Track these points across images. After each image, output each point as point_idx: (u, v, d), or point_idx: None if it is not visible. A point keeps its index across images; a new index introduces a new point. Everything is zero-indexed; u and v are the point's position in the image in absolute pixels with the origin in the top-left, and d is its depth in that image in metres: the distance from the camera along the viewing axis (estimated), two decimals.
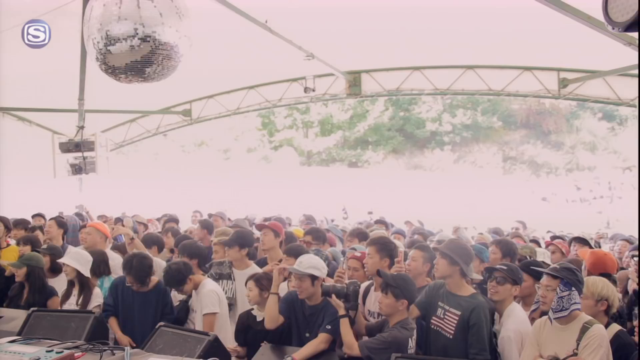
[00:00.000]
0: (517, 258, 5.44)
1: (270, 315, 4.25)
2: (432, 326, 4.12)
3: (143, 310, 5.06)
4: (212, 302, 4.86)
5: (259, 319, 4.62)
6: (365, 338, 4.07)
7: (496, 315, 4.22)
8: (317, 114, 36.82)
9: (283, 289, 5.09)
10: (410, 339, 3.83)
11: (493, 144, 38.05)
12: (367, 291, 4.57)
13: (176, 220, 9.38)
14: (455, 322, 3.96)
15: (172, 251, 6.92)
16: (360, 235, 6.72)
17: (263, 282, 4.66)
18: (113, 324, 5.11)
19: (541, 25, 8.60)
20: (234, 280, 5.48)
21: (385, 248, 4.63)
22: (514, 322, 4.05)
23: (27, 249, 6.08)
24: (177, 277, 4.88)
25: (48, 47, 9.02)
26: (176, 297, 5.45)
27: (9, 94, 11.49)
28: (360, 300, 4.30)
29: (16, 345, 2.59)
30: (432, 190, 28.74)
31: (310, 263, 4.26)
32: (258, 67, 11.72)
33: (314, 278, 4.20)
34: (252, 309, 4.73)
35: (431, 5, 8.69)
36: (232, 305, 5.31)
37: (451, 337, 3.96)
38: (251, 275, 4.81)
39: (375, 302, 4.36)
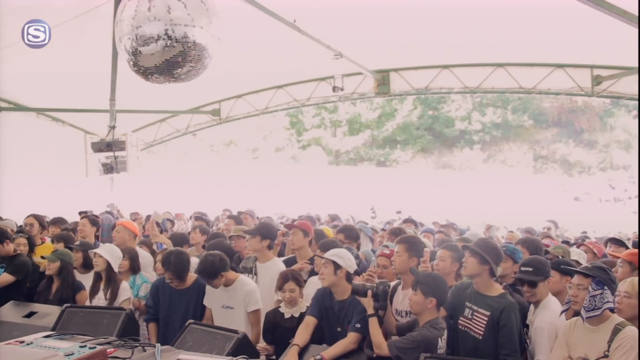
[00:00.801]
0: (547, 257, 5.37)
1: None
2: (460, 327, 4.09)
3: (182, 307, 5.11)
4: (257, 298, 4.92)
5: (286, 316, 4.64)
6: (395, 338, 4.06)
7: (531, 307, 4.19)
8: (345, 113, 36.73)
9: (315, 282, 5.10)
10: (440, 339, 3.79)
11: (524, 143, 37.51)
12: (394, 290, 4.55)
13: (206, 219, 9.47)
14: (485, 322, 3.92)
15: (204, 247, 6.98)
16: (396, 234, 6.69)
17: (299, 279, 4.72)
18: (152, 329, 5.17)
19: (574, 22, 8.46)
20: (255, 274, 5.51)
21: (414, 247, 4.61)
22: (549, 314, 4.01)
23: (60, 246, 6.22)
24: (211, 269, 4.88)
25: (81, 49, 9.22)
26: None
27: (43, 95, 11.75)
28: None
29: (51, 340, 2.64)
30: (462, 189, 28.46)
31: (336, 252, 4.32)
32: (286, 66, 11.75)
33: (337, 267, 4.21)
34: (280, 306, 4.75)
35: (460, 4, 8.61)
36: None
37: (480, 337, 3.92)
38: (285, 276, 4.78)
39: (402, 301, 4.35)
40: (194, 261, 6.10)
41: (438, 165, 37.84)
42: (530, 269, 4.14)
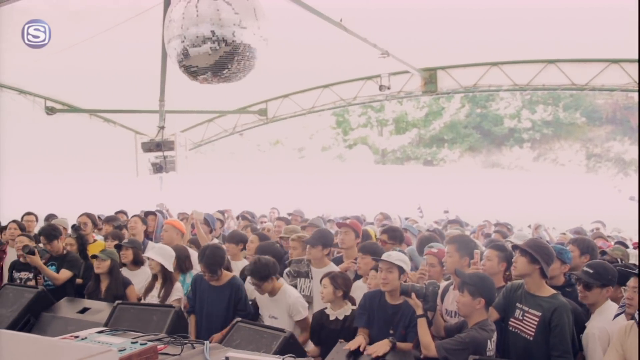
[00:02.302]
0: (603, 258, 5.22)
1: None
2: (511, 328, 4.02)
3: (216, 304, 5.17)
4: (304, 307, 4.96)
5: (331, 317, 4.64)
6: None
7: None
8: (392, 112, 36.43)
9: (360, 287, 5.09)
10: (489, 341, 3.73)
11: (576, 141, 36.44)
12: (445, 290, 4.50)
13: (253, 219, 9.55)
14: (536, 323, 3.84)
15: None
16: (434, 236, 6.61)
17: (338, 281, 4.68)
18: (191, 322, 5.26)
19: (628, 14, 8.17)
20: (311, 278, 5.53)
21: (465, 246, 4.55)
22: (603, 319, 3.90)
23: (113, 244, 6.38)
24: (264, 271, 4.93)
25: (131, 51, 9.42)
26: (248, 295, 5.53)
27: (95, 96, 12.06)
28: (438, 299, 4.24)
29: (104, 336, 2.71)
30: (510, 189, 27.90)
31: (400, 257, 4.31)
32: (333, 65, 11.74)
33: (401, 271, 4.20)
34: (326, 307, 4.75)
35: (510, 3, 8.46)
36: (309, 303, 5.36)
37: (531, 338, 3.85)
38: (327, 272, 4.83)
39: (453, 301, 4.29)
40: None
41: (486, 164, 37.18)
42: (592, 271, 4.02)
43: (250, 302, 5.38)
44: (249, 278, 5.16)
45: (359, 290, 5.03)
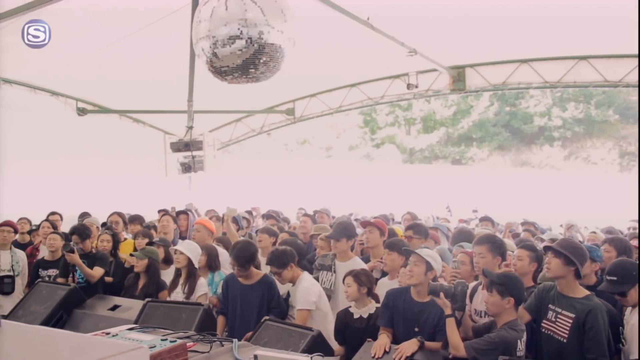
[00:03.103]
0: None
1: None
2: (543, 330, 3.95)
3: (249, 303, 5.19)
4: (306, 299, 4.92)
5: (356, 316, 4.62)
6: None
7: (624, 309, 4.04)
8: (420, 111, 36.23)
9: (385, 284, 5.07)
10: (519, 341, 3.68)
11: (608, 139, 35.78)
12: (474, 290, 4.45)
13: (278, 218, 9.58)
14: (569, 325, 3.77)
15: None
16: (463, 237, 6.57)
17: (362, 278, 4.66)
18: (220, 322, 5.29)
19: None
20: (334, 272, 5.53)
21: (497, 246, 4.50)
22: None
23: (144, 242, 6.45)
24: (282, 258, 4.98)
25: (160, 52, 9.52)
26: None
27: (125, 97, 12.22)
28: (467, 300, 4.20)
29: (134, 333, 2.74)
30: (541, 188, 27.52)
31: (429, 253, 4.29)
32: (360, 64, 11.71)
33: (429, 268, 4.18)
34: (350, 306, 4.74)
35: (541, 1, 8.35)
36: (330, 296, 5.35)
37: (565, 340, 3.78)
38: (349, 271, 4.82)
39: (482, 301, 4.24)
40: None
41: (516, 163, 36.76)
42: (615, 278, 3.94)
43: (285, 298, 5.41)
44: (269, 268, 5.17)
45: (384, 288, 4.99)
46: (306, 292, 4.95)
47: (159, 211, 9.52)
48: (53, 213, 8.31)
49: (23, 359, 1.08)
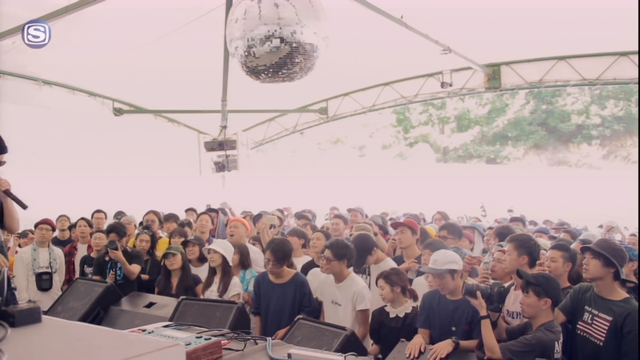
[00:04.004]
0: None
1: None
2: (579, 332, 3.87)
3: (281, 301, 5.21)
4: (365, 297, 4.92)
5: (391, 315, 4.60)
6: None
7: None
8: (454, 109, 35.90)
9: (421, 284, 5.03)
10: (556, 343, 3.60)
11: None
12: (506, 291, 4.39)
13: (310, 216, 9.59)
14: (606, 328, 3.69)
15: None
16: (502, 234, 6.49)
17: (392, 278, 4.64)
18: (256, 322, 5.32)
19: None
20: (368, 274, 5.52)
21: (524, 245, 4.42)
22: None
23: (180, 241, 6.54)
24: (343, 250, 5.00)
25: (194, 52, 9.62)
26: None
27: (160, 97, 12.38)
28: None
29: (170, 330, 2.78)
30: (578, 187, 27.00)
31: (446, 259, 4.21)
32: (393, 63, 11.64)
33: (452, 272, 4.13)
34: (385, 305, 4.72)
35: None
36: None
37: (601, 343, 3.69)
38: (380, 273, 4.80)
39: (515, 302, 4.18)
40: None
41: (552, 162, 36.12)
42: None
43: (315, 298, 5.42)
44: (326, 252, 5.14)
45: (421, 287, 4.97)
46: (365, 292, 4.96)
47: (186, 210, 9.62)
48: (98, 211, 8.47)
49: (64, 353, 1.10)
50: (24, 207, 4.30)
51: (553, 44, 10.69)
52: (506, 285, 4.38)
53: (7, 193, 4.11)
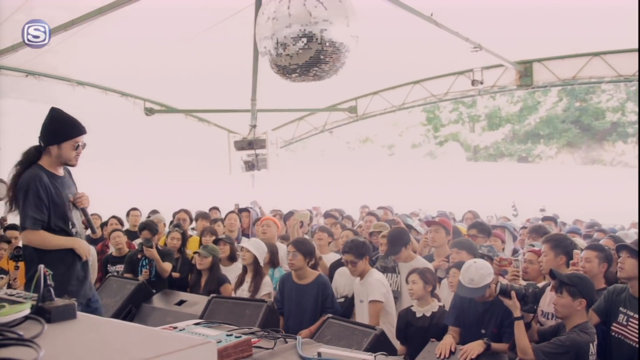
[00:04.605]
0: None
1: None
2: (613, 333, 3.79)
3: (303, 302, 5.22)
4: (379, 290, 4.89)
5: (418, 315, 4.57)
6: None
7: None
8: (484, 107, 35.45)
9: (445, 284, 5.00)
10: (591, 345, 3.53)
11: None
12: (541, 291, 4.32)
13: (337, 215, 9.57)
14: None
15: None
16: (538, 232, 6.40)
17: (427, 276, 4.61)
18: (282, 322, 5.34)
19: None
20: (398, 273, 5.49)
21: (561, 245, 4.35)
22: None
23: (211, 240, 6.59)
24: (361, 249, 5.00)
25: (223, 51, 9.69)
26: (338, 291, 5.57)
27: (190, 97, 12.50)
28: None
29: (200, 328, 2.80)
30: (613, 186, 26.46)
31: (481, 275, 4.07)
32: (423, 61, 11.56)
33: (488, 285, 4.09)
34: (412, 305, 4.69)
35: None
36: (397, 298, 5.31)
37: (637, 345, 3.61)
38: (414, 268, 4.78)
39: (550, 302, 4.11)
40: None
41: (586, 161, 35.45)
42: None
43: (340, 299, 5.42)
44: (344, 256, 5.15)
45: (446, 288, 4.94)
46: (378, 284, 4.93)
47: (210, 209, 9.68)
48: (134, 209, 8.58)
49: (98, 349, 1.11)
50: (93, 231, 4.41)
51: (587, 40, 10.48)
52: (540, 285, 4.32)
53: (84, 211, 4.14)
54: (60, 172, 4.03)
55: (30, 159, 3.92)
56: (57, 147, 3.91)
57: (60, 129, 3.95)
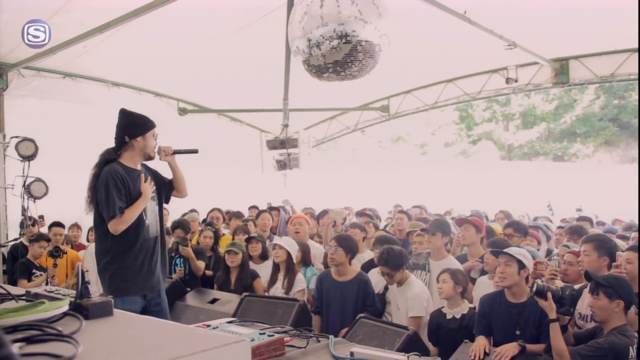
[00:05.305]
0: None
1: None
2: None
3: (344, 300, 5.21)
4: (420, 305, 4.86)
5: (448, 316, 4.54)
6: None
7: None
8: (519, 106, 34.90)
9: (484, 283, 4.94)
10: (631, 348, 3.44)
11: None
12: (579, 293, 4.24)
13: (371, 216, 9.55)
14: None
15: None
16: (577, 232, 6.29)
17: (458, 277, 4.58)
18: (316, 322, 5.34)
19: None
20: (428, 271, 5.46)
21: (604, 246, 4.26)
22: None
23: (244, 238, 6.65)
24: (398, 260, 4.97)
25: (255, 51, 9.74)
26: None
27: (223, 97, 12.60)
28: None
29: (234, 326, 2.82)
30: None
31: (520, 251, 4.13)
32: (456, 59, 11.43)
33: (521, 267, 4.03)
34: (442, 307, 4.65)
35: None
36: None
37: None
38: (445, 268, 4.74)
39: (588, 305, 4.02)
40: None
41: (624, 159, 34.62)
42: None
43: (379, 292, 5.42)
44: (380, 267, 5.15)
45: (484, 287, 4.89)
46: (419, 299, 4.90)
47: (250, 207, 9.76)
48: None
49: (135, 345, 1.13)
50: (196, 151, 4.50)
51: (626, 36, 10.22)
52: (577, 287, 4.24)
53: (176, 152, 4.33)
54: (138, 166, 4.19)
55: (107, 157, 4.08)
56: (143, 137, 4.09)
57: (142, 121, 4.13)
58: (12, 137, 6.37)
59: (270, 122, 12.94)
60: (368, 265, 5.92)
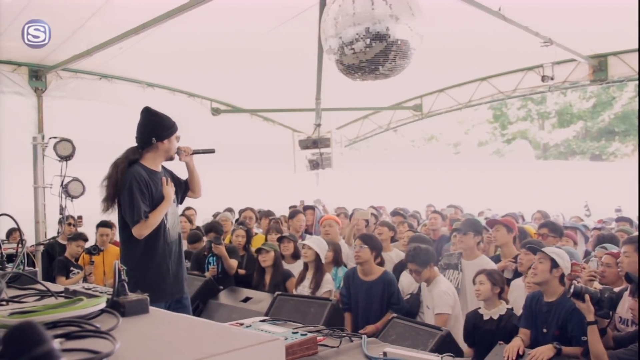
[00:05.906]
0: None
1: None
2: None
3: (370, 299, 5.23)
4: (445, 302, 4.83)
5: (485, 317, 4.49)
6: None
7: None
8: (555, 104, 34.24)
9: (520, 285, 4.88)
10: None
11: None
12: (619, 296, 4.15)
13: (405, 215, 9.51)
14: None
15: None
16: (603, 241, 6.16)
17: (495, 277, 4.53)
18: (347, 318, 5.35)
19: None
20: (460, 271, 5.43)
21: None
22: None
23: (276, 237, 6.70)
24: (425, 257, 4.97)
25: (288, 50, 9.78)
26: (404, 290, 5.54)
27: (255, 97, 12.67)
28: None
29: (267, 325, 2.84)
30: None
31: (555, 250, 4.11)
32: (490, 57, 11.28)
33: (554, 265, 3.98)
34: (479, 307, 4.61)
35: None
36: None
37: None
38: (482, 269, 4.70)
39: (628, 308, 3.94)
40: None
41: None
42: None
43: (406, 297, 5.40)
44: (407, 265, 5.15)
45: (519, 289, 4.83)
46: (445, 296, 4.88)
47: (290, 207, 9.81)
48: (188, 208, 8.81)
49: (171, 342, 1.14)
50: (213, 151, 4.55)
51: None
52: (616, 290, 4.14)
53: (195, 152, 4.35)
54: (159, 168, 4.18)
55: (130, 158, 4.05)
56: (168, 140, 4.10)
57: (170, 124, 4.15)
58: (50, 138, 6.51)
59: (303, 121, 12.96)
60: (400, 267, 5.90)
